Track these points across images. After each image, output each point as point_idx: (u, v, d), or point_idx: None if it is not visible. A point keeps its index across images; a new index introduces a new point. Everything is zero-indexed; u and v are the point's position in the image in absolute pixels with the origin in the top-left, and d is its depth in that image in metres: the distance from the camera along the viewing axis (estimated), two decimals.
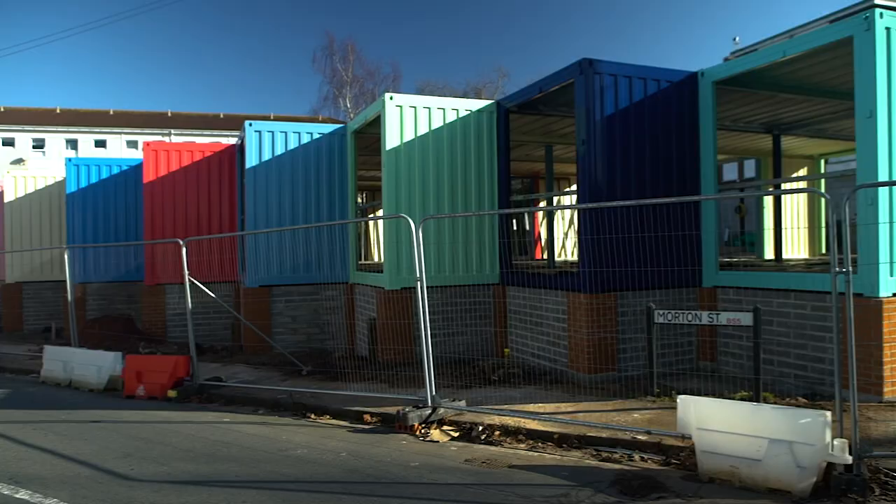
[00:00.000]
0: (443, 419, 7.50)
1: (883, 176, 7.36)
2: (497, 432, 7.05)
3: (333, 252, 13.00)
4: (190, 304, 10.30)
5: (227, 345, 14.16)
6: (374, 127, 12.06)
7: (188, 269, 10.23)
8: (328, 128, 14.01)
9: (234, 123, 51.50)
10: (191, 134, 49.55)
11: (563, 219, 18.94)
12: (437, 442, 7.00)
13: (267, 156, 12.99)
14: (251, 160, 12.91)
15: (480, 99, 18.70)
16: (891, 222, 7.38)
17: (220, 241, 13.40)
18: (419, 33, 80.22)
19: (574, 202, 15.88)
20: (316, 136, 13.53)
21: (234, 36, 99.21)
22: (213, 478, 6.02)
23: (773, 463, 5.18)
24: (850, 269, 5.24)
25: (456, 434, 7.22)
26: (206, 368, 10.80)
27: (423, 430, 7.30)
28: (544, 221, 19.31)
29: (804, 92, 10.81)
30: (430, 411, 7.47)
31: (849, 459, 5.08)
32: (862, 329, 7.37)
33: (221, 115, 55.79)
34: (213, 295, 10.88)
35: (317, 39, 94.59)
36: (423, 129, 11.01)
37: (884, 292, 7.34)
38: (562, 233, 19.27)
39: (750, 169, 21.58)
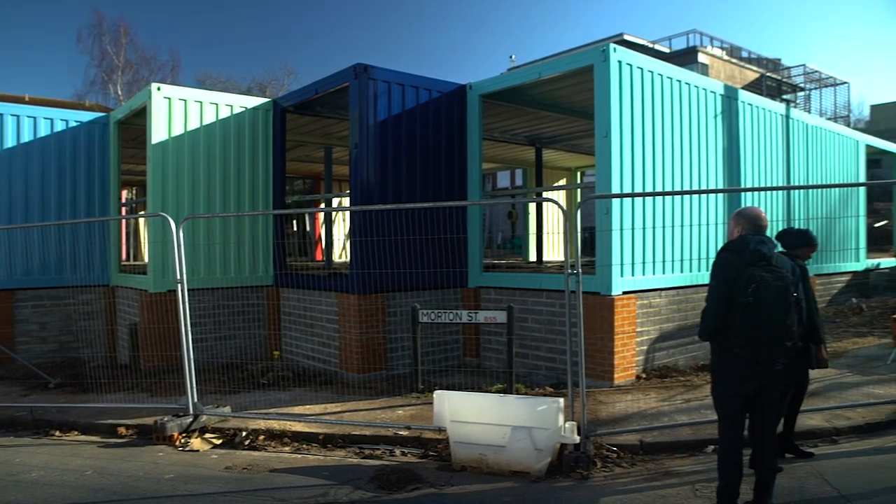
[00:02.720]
0: (205, 427, 7.19)
1: (616, 188, 8.36)
2: (262, 437, 6.92)
3: (92, 252, 11.88)
4: None
5: None
6: (142, 118, 11.22)
7: None
8: (88, 116, 12.76)
9: None
10: None
11: (343, 220, 19.05)
12: (198, 451, 6.70)
13: (10, 143, 11.51)
14: None
15: (265, 96, 18.22)
16: (622, 229, 8.41)
17: None
18: (203, 23, 75.85)
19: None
20: (73, 123, 12.21)
21: None
22: None
23: (515, 448, 5.66)
24: (580, 270, 5.90)
25: (219, 441, 6.96)
26: None
27: (183, 440, 6.94)
28: (325, 223, 19.29)
29: (560, 110, 11.96)
30: (191, 419, 7.13)
31: (577, 439, 5.72)
32: (598, 323, 8.33)
33: None
34: None
35: (83, 17, 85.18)
36: (194, 124, 10.47)
37: (616, 291, 8.33)
38: (342, 234, 19.37)
39: (520, 178, 23.35)
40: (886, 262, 16.05)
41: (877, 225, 19.73)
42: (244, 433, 6.96)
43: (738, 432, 4.50)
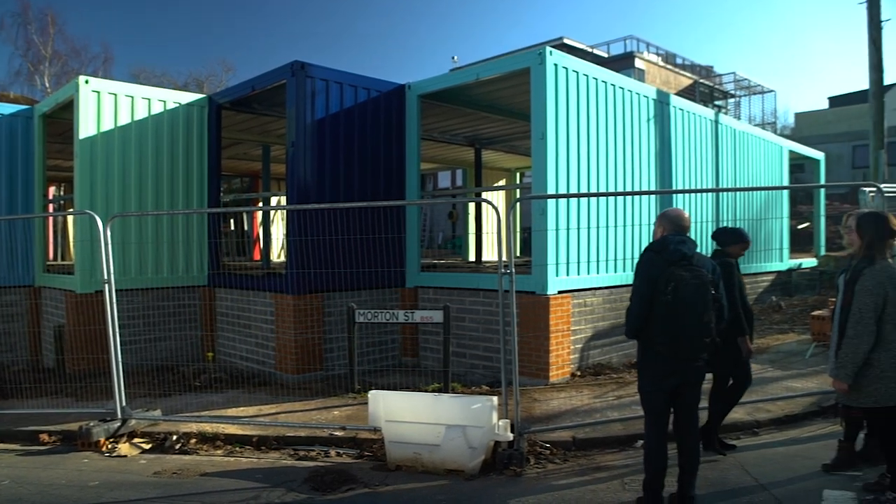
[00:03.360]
0: (134, 432, 6.98)
1: (552, 189, 8.50)
2: (194, 440, 6.76)
3: (14, 251, 11.37)
4: None
5: None
6: (69, 112, 10.80)
7: None
8: (10, 108, 12.19)
9: None
10: None
11: (282, 220, 18.77)
12: (126, 457, 6.50)
13: None
14: None
15: (203, 92, 17.81)
16: (557, 230, 8.56)
17: None
18: (138, 15, 73.43)
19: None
20: None
21: None
22: None
23: (449, 446, 5.70)
24: (514, 270, 5.99)
25: (148, 446, 6.77)
26: None
27: (110, 446, 6.72)
28: (263, 222, 18.97)
29: (499, 112, 12.08)
30: (119, 424, 6.91)
31: (510, 437, 5.80)
32: (534, 322, 8.46)
33: None
34: None
35: (6, 3, 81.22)
36: (125, 119, 10.14)
37: (551, 290, 8.48)
38: (281, 234, 19.09)
39: (461, 178, 23.48)
40: (808, 262, 16.79)
41: (800, 227, 20.59)
42: (175, 437, 6.80)
43: (662, 426, 4.65)
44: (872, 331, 4.51)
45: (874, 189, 6.99)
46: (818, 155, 18.74)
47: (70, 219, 18.02)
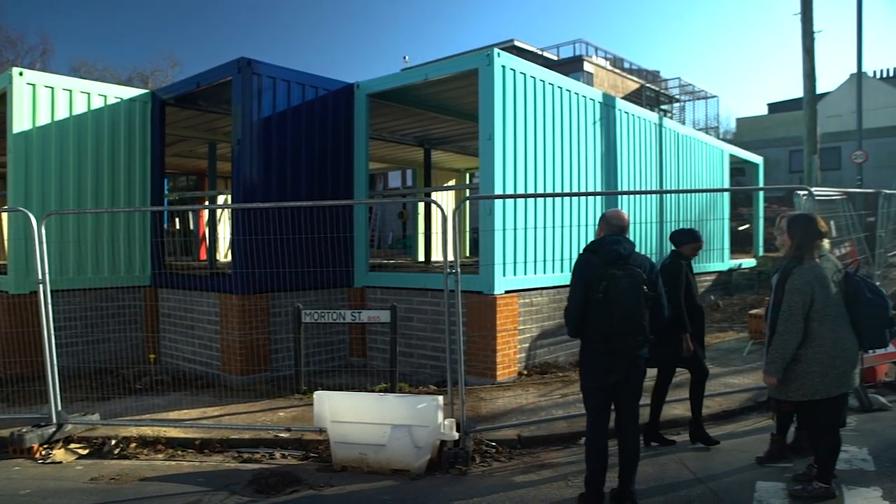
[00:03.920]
0: (71, 437, 6.77)
1: (499, 189, 8.57)
2: (133, 444, 6.59)
3: None
4: None
5: None
6: (2, 105, 10.41)
7: None
8: None
9: None
10: None
11: (229, 219, 18.43)
12: (61, 463, 6.30)
13: None
14: None
15: (148, 87, 17.34)
16: (504, 230, 8.63)
17: None
18: (80, 5, 71.10)
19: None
20: None
21: None
22: None
23: (395, 446, 5.70)
24: (459, 269, 6.02)
25: (85, 452, 6.57)
26: None
27: (44, 452, 6.50)
28: (209, 221, 18.60)
29: (448, 112, 12.12)
30: (54, 429, 6.69)
31: (456, 436, 5.83)
32: (481, 322, 8.52)
33: None
34: None
35: None
36: (63, 114, 9.81)
37: (498, 290, 8.55)
38: (228, 233, 18.74)
39: (411, 178, 23.49)
40: (747, 262, 17.35)
41: (740, 228, 21.27)
42: (114, 441, 6.62)
43: (603, 423, 4.75)
44: (800, 328, 4.70)
45: (806, 192, 7.27)
46: (757, 159, 19.39)
47: (4, 216, 17.33)
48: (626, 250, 4.59)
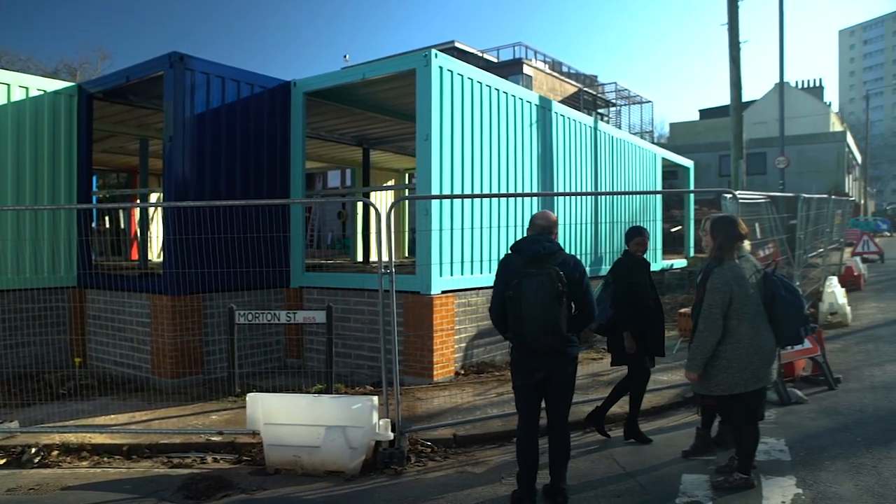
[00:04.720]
0: None
1: (436, 190, 8.62)
2: (56, 452, 6.34)
3: None
4: None
5: None
6: None
7: None
8: None
9: None
10: None
11: (162, 217, 17.93)
12: None
13: None
14: None
15: (75, 80, 16.70)
16: (441, 230, 8.68)
17: None
18: None
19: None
20: None
21: None
22: None
23: (329, 448, 5.66)
24: (394, 269, 6.04)
25: (2, 461, 6.28)
26: None
27: None
28: (140, 220, 18.04)
29: (386, 112, 12.11)
30: None
31: (391, 436, 5.83)
32: (418, 322, 8.55)
33: None
34: None
35: None
36: None
37: (435, 290, 8.60)
38: (161, 232, 18.23)
39: (350, 178, 23.33)
40: (679, 262, 17.91)
41: (672, 230, 21.93)
42: (34, 450, 6.34)
43: (532, 420, 4.84)
44: (720, 325, 4.90)
45: (731, 195, 7.59)
46: (688, 163, 20.05)
47: None
48: (545, 249, 4.66)
